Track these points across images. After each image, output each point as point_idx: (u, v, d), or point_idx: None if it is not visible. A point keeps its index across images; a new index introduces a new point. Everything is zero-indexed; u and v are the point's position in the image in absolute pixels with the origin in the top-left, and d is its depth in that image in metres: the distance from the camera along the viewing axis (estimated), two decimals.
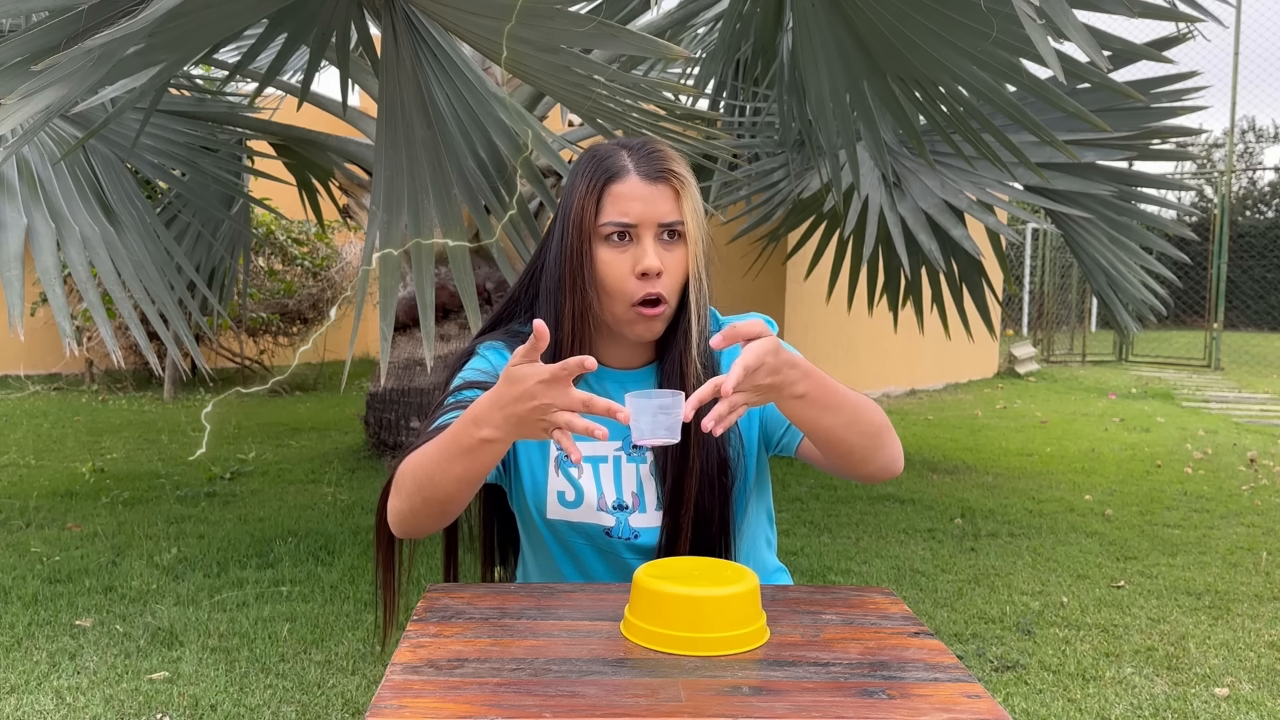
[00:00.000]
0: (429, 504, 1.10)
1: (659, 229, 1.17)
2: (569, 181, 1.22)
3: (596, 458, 1.24)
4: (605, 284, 1.18)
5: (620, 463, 1.24)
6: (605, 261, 1.17)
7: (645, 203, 1.16)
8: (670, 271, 1.17)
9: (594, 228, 1.17)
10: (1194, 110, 3.79)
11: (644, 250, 1.16)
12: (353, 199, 4.74)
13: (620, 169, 1.18)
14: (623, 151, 1.20)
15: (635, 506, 1.23)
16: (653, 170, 1.18)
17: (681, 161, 1.21)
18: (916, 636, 1.01)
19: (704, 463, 1.22)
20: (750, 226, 4.55)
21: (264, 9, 2.33)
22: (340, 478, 4.56)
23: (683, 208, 1.18)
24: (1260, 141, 28.19)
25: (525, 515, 1.28)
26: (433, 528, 1.15)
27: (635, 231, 1.17)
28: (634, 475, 1.24)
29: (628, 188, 1.17)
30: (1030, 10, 2.04)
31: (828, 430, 1.10)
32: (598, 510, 1.22)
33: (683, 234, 1.18)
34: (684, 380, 1.21)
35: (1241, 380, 10.18)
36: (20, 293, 2.78)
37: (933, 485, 4.69)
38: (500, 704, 0.84)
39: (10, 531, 3.57)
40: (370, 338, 10.25)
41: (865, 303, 5.18)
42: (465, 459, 1.05)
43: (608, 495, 1.23)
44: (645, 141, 1.22)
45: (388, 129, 2.57)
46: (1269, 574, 3.34)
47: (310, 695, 2.27)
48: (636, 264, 1.16)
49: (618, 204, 1.17)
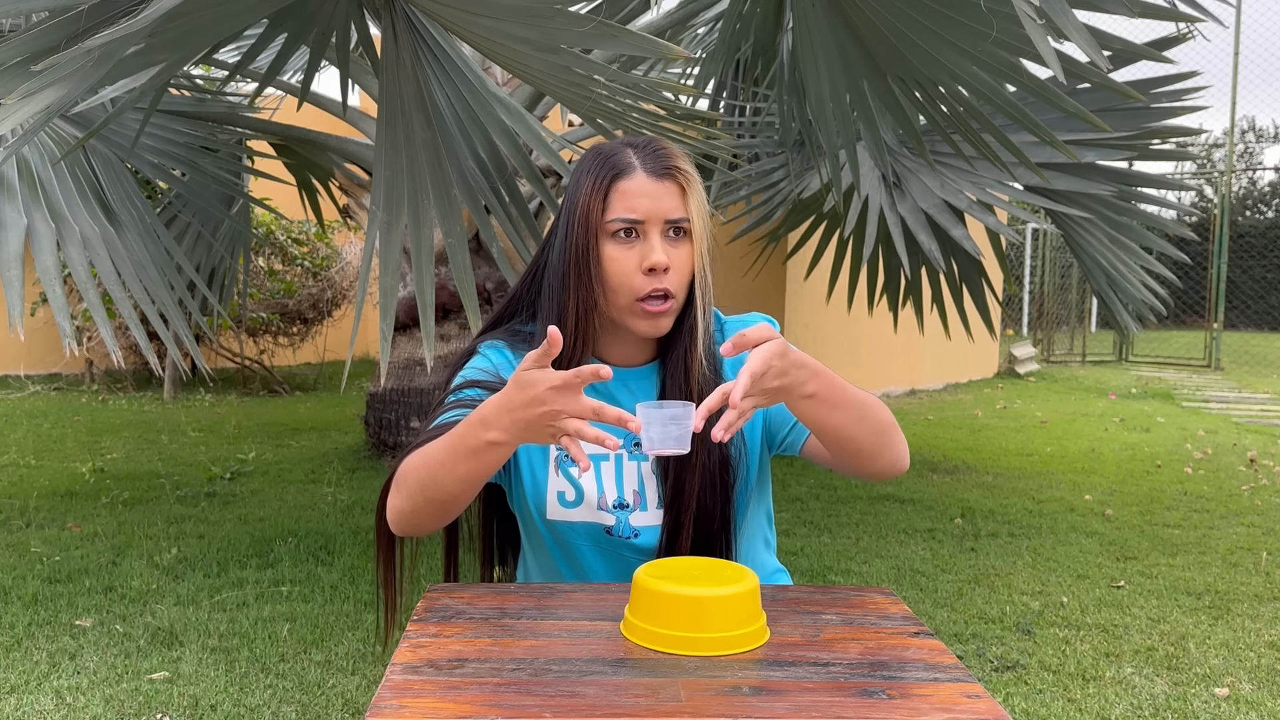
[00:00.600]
0: (431, 504, 1.10)
1: (665, 225, 1.18)
2: (573, 179, 1.23)
3: (598, 456, 1.24)
4: (611, 280, 1.18)
5: (621, 461, 1.24)
6: (612, 258, 1.17)
7: (652, 199, 1.17)
8: (677, 268, 1.18)
9: (600, 224, 1.18)
10: (1194, 110, 3.79)
11: (651, 246, 1.16)
12: (353, 199, 4.75)
13: (627, 166, 1.18)
14: (628, 149, 1.20)
15: (636, 505, 1.23)
16: (659, 167, 1.18)
17: (687, 159, 1.21)
18: (916, 636, 1.01)
19: (706, 459, 1.22)
20: (750, 226, 4.55)
21: (264, 9, 2.33)
22: (340, 478, 4.56)
23: (689, 205, 1.19)
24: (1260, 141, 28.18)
25: (525, 516, 1.28)
26: (433, 527, 1.15)
27: (642, 228, 1.17)
28: (635, 473, 1.24)
29: (635, 184, 1.17)
30: (1030, 10, 2.04)
31: (837, 428, 1.11)
32: (598, 509, 1.22)
33: (688, 231, 1.19)
34: (689, 377, 1.22)
35: (1241, 380, 10.18)
36: (20, 293, 2.78)
37: (933, 485, 4.69)
38: (500, 704, 0.84)
39: (10, 531, 3.57)
40: (370, 338, 10.25)
41: (865, 303, 5.18)
42: (470, 460, 1.05)
43: (609, 494, 1.23)
44: (650, 139, 1.22)
45: (388, 129, 2.57)
46: (1269, 574, 3.34)
47: (310, 695, 2.27)
48: (644, 260, 1.16)
49: (625, 200, 1.17)
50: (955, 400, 8.23)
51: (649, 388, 1.26)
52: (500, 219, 2.91)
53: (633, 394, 1.25)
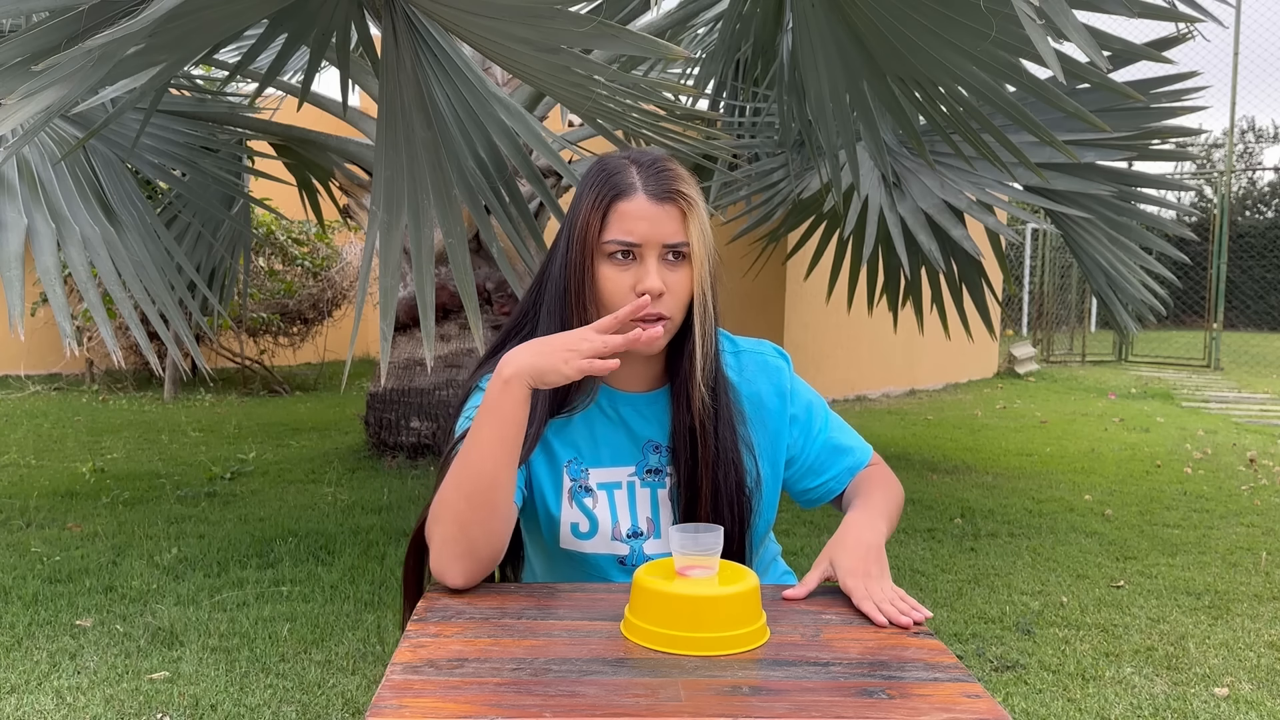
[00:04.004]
0: (473, 499, 1.08)
1: (663, 249, 1.16)
2: (578, 192, 1.21)
3: (610, 484, 1.23)
4: (606, 300, 1.16)
5: (634, 488, 1.23)
6: (607, 278, 1.16)
7: (651, 223, 1.15)
8: (674, 291, 1.16)
9: (598, 244, 1.17)
10: (1194, 110, 3.80)
11: (646, 270, 1.15)
12: (353, 199, 4.75)
13: (628, 186, 1.16)
14: (632, 167, 1.18)
15: (650, 532, 1.22)
16: (661, 190, 1.16)
17: (691, 181, 1.19)
18: (916, 636, 1.02)
19: (722, 486, 1.21)
20: (750, 226, 4.55)
21: (264, 9, 2.33)
22: (340, 478, 4.56)
23: (689, 229, 1.16)
24: (1260, 141, 28.17)
25: (537, 539, 1.28)
26: (486, 538, 1.09)
27: (639, 251, 1.15)
28: (649, 500, 1.23)
29: (634, 206, 1.16)
30: (1030, 10, 2.04)
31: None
32: (612, 539, 1.22)
33: (688, 255, 1.17)
34: (689, 404, 1.20)
35: (1241, 380, 10.18)
36: (20, 293, 2.79)
37: (933, 485, 4.69)
38: (500, 704, 0.84)
39: (10, 531, 3.58)
40: (370, 338, 10.25)
41: (865, 303, 5.18)
42: (491, 418, 1.07)
43: (623, 523, 1.22)
44: (656, 158, 1.20)
45: (388, 129, 2.57)
46: (1269, 574, 3.34)
47: (310, 695, 2.27)
48: (638, 283, 1.15)
49: (623, 222, 1.15)
50: (955, 400, 8.23)
51: (661, 413, 1.24)
52: (500, 219, 2.91)
53: (645, 419, 1.24)
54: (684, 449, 1.21)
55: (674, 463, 1.22)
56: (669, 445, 1.23)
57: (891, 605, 1.05)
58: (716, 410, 1.21)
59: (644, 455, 1.23)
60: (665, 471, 1.23)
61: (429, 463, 4.76)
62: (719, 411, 1.21)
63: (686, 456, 1.21)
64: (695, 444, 1.20)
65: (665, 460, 1.23)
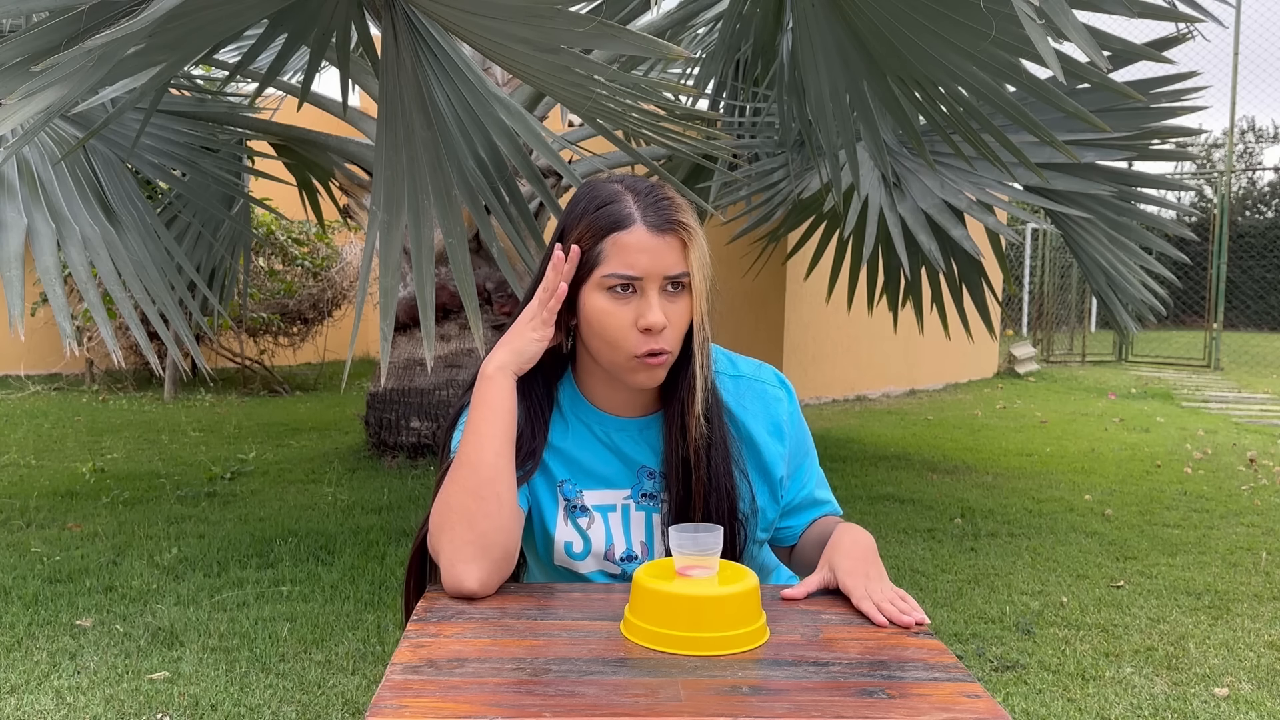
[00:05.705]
0: (478, 492, 1.09)
1: (664, 281, 1.13)
2: (567, 217, 1.18)
3: (605, 506, 1.22)
4: (607, 335, 1.14)
5: (629, 511, 1.22)
6: (607, 312, 1.13)
7: (652, 255, 1.12)
8: (674, 324, 1.14)
9: (593, 276, 1.14)
10: (1194, 110, 3.80)
11: (648, 304, 1.12)
12: (353, 199, 4.75)
13: (625, 217, 1.13)
14: (628, 196, 1.15)
15: (644, 556, 1.22)
16: (661, 221, 1.13)
17: (689, 210, 1.16)
18: (916, 636, 1.02)
19: (715, 510, 1.20)
20: (750, 226, 4.55)
21: (264, 9, 2.33)
22: (340, 478, 4.56)
23: (689, 259, 1.14)
24: (1260, 141, 28.17)
25: (533, 555, 1.28)
26: (496, 533, 1.09)
27: (640, 284, 1.12)
28: (643, 523, 1.22)
29: (634, 239, 1.12)
30: (1030, 10, 2.04)
31: None
32: (605, 560, 1.21)
33: (687, 285, 1.15)
34: (685, 432, 1.19)
35: (1241, 380, 10.18)
36: (20, 293, 2.79)
37: (933, 485, 4.69)
38: (500, 704, 0.84)
39: (10, 531, 3.58)
40: (370, 338, 10.25)
41: (865, 303, 5.18)
42: (483, 410, 1.13)
43: (617, 545, 1.21)
44: (651, 186, 1.17)
45: (388, 129, 2.57)
46: (1269, 574, 3.34)
47: (310, 695, 2.27)
48: (640, 318, 1.12)
49: (624, 255, 1.12)
50: (955, 400, 8.23)
51: (654, 438, 1.23)
52: (500, 219, 2.91)
53: (638, 445, 1.23)
54: (676, 476, 1.19)
55: (667, 489, 1.21)
56: (662, 471, 1.22)
57: (891, 605, 1.05)
58: (710, 438, 1.20)
59: (638, 479, 1.22)
60: (660, 496, 1.22)
61: (429, 463, 4.76)
62: (712, 439, 1.20)
63: (679, 484, 1.19)
64: (688, 472, 1.19)
65: (660, 486, 1.22)
